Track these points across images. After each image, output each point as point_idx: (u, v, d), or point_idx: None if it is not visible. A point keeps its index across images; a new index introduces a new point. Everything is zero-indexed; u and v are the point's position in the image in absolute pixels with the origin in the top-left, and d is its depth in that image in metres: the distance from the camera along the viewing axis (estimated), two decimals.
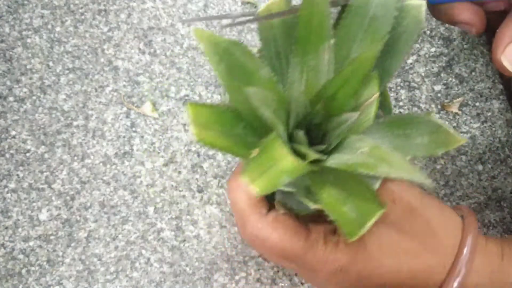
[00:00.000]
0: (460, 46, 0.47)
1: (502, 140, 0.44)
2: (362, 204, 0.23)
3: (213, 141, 0.22)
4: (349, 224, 0.23)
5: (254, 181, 0.21)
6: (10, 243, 0.40)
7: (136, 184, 0.42)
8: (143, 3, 0.48)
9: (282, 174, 0.21)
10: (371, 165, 0.22)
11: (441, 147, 0.25)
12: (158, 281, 0.39)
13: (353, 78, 0.24)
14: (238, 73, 0.24)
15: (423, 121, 0.26)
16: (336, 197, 0.24)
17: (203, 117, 0.22)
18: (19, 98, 0.45)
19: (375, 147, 0.23)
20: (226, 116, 0.24)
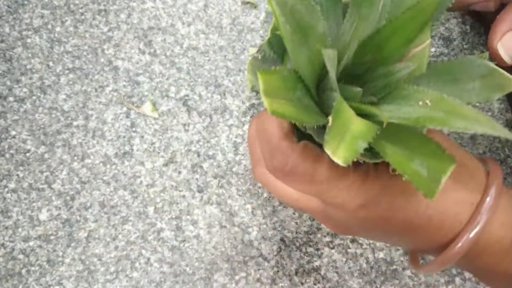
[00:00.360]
0: (460, 46, 0.47)
1: (502, 140, 0.44)
2: (431, 160, 0.22)
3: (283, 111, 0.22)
4: (424, 183, 0.22)
5: (335, 152, 0.20)
6: (10, 243, 0.40)
7: (136, 184, 0.42)
8: (143, 3, 0.48)
9: (356, 139, 0.21)
10: (442, 120, 0.21)
11: (496, 91, 0.24)
12: (158, 281, 0.39)
13: (409, 25, 0.22)
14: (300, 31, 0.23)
15: (474, 65, 0.24)
16: (401, 154, 0.22)
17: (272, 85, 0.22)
18: (19, 98, 0.45)
19: (440, 99, 0.22)
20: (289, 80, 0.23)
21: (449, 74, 0.25)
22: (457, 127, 0.20)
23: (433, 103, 0.22)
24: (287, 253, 0.40)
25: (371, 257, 0.40)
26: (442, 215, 0.26)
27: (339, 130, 0.21)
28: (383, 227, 0.27)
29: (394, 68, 0.23)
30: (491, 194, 0.26)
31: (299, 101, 0.23)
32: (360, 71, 0.24)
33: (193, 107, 0.44)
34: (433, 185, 0.22)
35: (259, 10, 0.48)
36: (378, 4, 0.24)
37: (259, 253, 0.40)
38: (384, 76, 0.24)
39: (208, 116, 0.44)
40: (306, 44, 0.23)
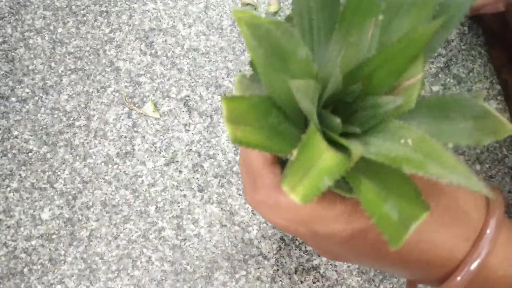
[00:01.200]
0: (458, 47, 0.47)
1: (500, 140, 0.44)
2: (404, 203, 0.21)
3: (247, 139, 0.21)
4: (391, 228, 0.20)
5: (294, 188, 0.19)
6: (12, 242, 0.41)
7: (138, 183, 0.42)
8: (144, 5, 0.48)
9: (322, 174, 0.19)
10: (419, 163, 0.20)
11: (489, 135, 0.22)
12: (159, 279, 0.40)
13: (400, 56, 0.21)
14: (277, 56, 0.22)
15: (468, 104, 0.23)
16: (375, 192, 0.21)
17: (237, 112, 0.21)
18: (22, 98, 0.45)
19: (422, 139, 0.21)
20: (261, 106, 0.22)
21: (442, 111, 0.23)
22: (433, 173, 0.19)
23: (414, 143, 0.21)
24: (286, 251, 0.40)
25: None
26: (436, 249, 0.25)
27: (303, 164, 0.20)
28: (375, 258, 0.26)
29: (382, 100, 0.22)
30: (491, 227, 0.25)
31: (272, 128, 0.22)
32: (349, 99, 0.24)
33: (194, 108, 0.45)
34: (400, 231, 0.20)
35: (259, 11, 0.48)
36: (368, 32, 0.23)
37: (259, 251, 0.40)
38: (372, 107, 0.23)
39: (209, 116, 0.44)
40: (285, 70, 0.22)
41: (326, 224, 0.25)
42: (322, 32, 0.24)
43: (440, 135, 0.23)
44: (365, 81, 0.23)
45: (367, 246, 0.25)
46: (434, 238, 0.25)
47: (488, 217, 0.26)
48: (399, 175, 0.22)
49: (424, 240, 0.25)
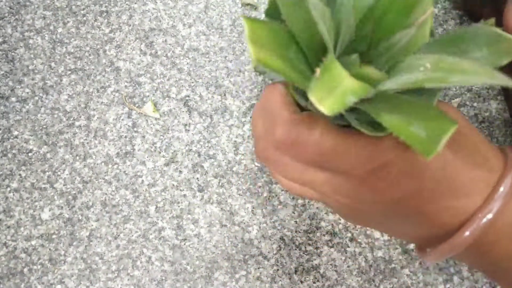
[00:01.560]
0: None
1: (500, 140, 0.44)
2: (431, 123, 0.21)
3: (270, 61, 0.20)
4: (422, 142, 0.20)
5: (322, 100, 0.19)
6: (12, 242, 0.41)
7: (138, 183, 0.42)
8: (144, 5, 0.48)
9: (347, 94, 0.19)
10: (440, 78, 0.20)
11: (504, 56, 0.22)
12: (159, 279, 0.40)
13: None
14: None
15: (480, 33, 0.23)
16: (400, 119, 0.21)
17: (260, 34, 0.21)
18: (22, 98, 0.45)
19: (438, 60, 0.21)
20: (281, 36, 0.22)
21: (456, 45, 0.24)
22: (456, 81, 0.20)
23: (432, 66, 0.21)
24: (286, 251, 0.40)
25: (370, 256, 0.40)
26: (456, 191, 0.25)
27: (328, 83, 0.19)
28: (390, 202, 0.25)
29: (395, 38, 0.22)
30: (507, 181, 0.25)
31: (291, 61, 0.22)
32: (362, 48, 0.23)
33: (194, 108, 0.45)
34: (432, 145, 0.20)
35: (259, 11, 0.48)
36: None
37: (259, 251, 0.40)
38: (386, 50, 0.23)
39: (209, 116, 0.45)
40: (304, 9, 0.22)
41: (348, 157, 0.24)
42: None
43: None
44: (376, 23, 0.23)
45: (387, 184, 0.24)
46: (456, 176, 0.25)
47: (504, 173, 0.25)
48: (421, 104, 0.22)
49: (446, 177, 0.25)
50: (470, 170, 0.25)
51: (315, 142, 0.24)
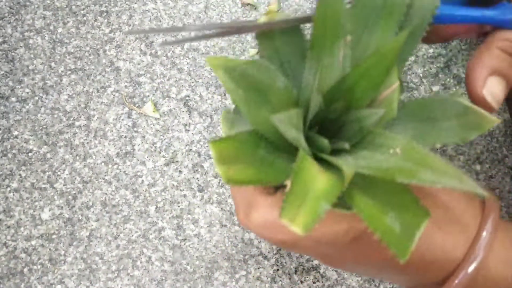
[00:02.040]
0: (458, 47, 0.47)
1: (500, 140, 0.44)
2: (405, 213, 0.21)
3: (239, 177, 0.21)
4: (396, 240, 0.20)
5: (294, 219, 0.19)
6: (12, 242, 0.41)
7: (138, 183, 0.42)
8: (144, 5, 0.48)
9: (319, 199, 0.20)
10: (410, 172, 0.20)
11: (473, 130, 0.23)
12: (159, 279, 0.40)
13: (374, 70, 0.22)
14: (256, 91, 0.23)
15: (448, 103, 0.24)
16: (375, 207, 0.21)
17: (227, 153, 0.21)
18: (22, 98, 0.45)
19: (410, 147, 0.21)
20: (248, 142, 0.22)
21: (425, 113, 0.24)
22: (426, 180, 0.20)
23: (403, 152, 0.21)
24: (286, 251, 0.40)
25: None
26: (435, 252, 0.25)
27: (299, 191, 0.20)
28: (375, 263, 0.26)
29: (364, 113, 0.23)
30: (487, 228, 0.26)
31: (262, 160, 0.22)
32: (333, 116, 0.24)
33: (194, 108, 0.45)
34: (406, 242, 0.20)
35: (259, 11, 0.48)
36: (338, 55, 0.24)
37: (259, 251, 0.40)
38: (356, 121, 0.23)
39: (209, 116, 0.45)
40: (267, 103, 0.23)
41: (329, 232, 0.24)
42: (292, 64, 0.25)
43: (426, 136, 0.23)
44: (346, 97, 0.23)
45: (369, 249, 0.25)
46: (433, 241, 0.25)
47: (484, 219, 0.26)
48: (395, 184, 0.22)
49: (423, 244, 0.25)
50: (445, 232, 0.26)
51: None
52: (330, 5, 0.23)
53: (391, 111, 0.23)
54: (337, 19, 0.23)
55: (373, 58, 0.22)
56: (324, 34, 0.23)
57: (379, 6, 0.24)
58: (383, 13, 0.24)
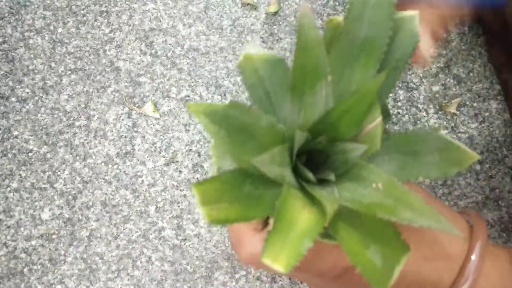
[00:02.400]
0: (458, 47, 0.47)
1: (500, 140, 0.44)
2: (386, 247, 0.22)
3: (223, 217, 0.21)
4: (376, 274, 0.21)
5: (277, 258, 0.19)
6: (12, 242, 0.41)
7: (138, 183, 0.42)
8: (144, 5, 0.48)
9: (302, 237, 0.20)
10: (390, 208, 0.21)
11: (454, 165, 0.23)
12: (159, 279, 0.40)
13: (356, 108, 0.23)
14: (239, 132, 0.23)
15: (431, 138, 0.24)
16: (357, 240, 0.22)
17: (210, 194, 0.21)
18: (22, 98, 0.45)
19: (390, 183, 0.22)
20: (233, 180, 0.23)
21: (408, 146, 0.25)
22: (405, 218, 0.20)
23: (384, 187, 0.22)
24: None
25: None
26: (422, 282, 0.26)
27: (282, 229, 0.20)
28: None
29: (348, 146, 0.24)
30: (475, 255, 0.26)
31: (248, 196, 0.23)
32: (319, 147, 0.25)
33: None
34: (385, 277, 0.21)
35: (259, 11, 0.48)
36: (321, 93, 0.24)
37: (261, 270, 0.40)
38: (341, 153, 0.24)
39: None
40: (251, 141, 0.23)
41: (316, 267, 0.25)
42: (278, 95, 0.26)
43: (410, 169, 0.24)
44: (330, 131, 0.24)
45: (357, 282, 0.26)
46: (419, 271, 0.26)
47: (472, 245, 0.27)
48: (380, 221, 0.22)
49: (410, 274, 0.26)
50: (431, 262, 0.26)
51: None
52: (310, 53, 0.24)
53: (374, 145, 0.24)
54: (316, 64, 0.24)
55: (354, 97, 0.22)
56: (304, 79, 0.24)
57: (359, 44, 0.25)
58: (364, 50, 0.25)
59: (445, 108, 0.45)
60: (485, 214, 0.42)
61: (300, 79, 0.24)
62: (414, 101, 0.45)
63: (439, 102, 0.45)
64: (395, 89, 0.45)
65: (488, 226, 0.42)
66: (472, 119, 0.45)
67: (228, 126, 0.23)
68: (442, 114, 0.45)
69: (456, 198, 0.42)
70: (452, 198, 0.42)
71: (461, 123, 0.45)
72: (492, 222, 0.42)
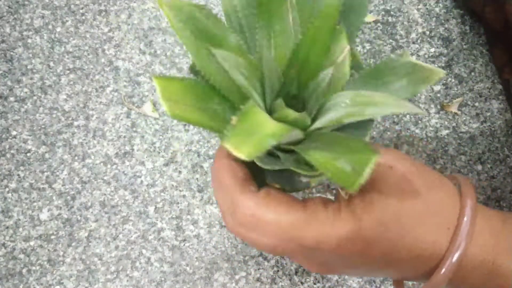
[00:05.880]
0: (459, 47, 0.47)
1: (502, 140, 0.44)
2: (355, 156, 0.22)
3: (186, 116, 0.21)
4: (346, 177, 0.21)
5: (239, 147, 0.19)
6: (11, 242, 0.40)
7: (137, 184, 0.42)
8: (144, 4, 0.48)
9: (267, 137, 0.20)
10: (357, 112, 0.22)
11: (421, 83, 0.24)
12: (158, 280, 0.39)
13: (320, 34, 0.23)
14: (205, 40, 0.22)
15: (398, 65, 0.25)
16: (327, 156, 0.22)
17: (173, 91, 0.21)
18: (20, 98, 0.45)
19: (356, 95, 0.23)
20: (198, 90, 0.22)
21: (378, 79, 0.25)
22: (370, 114, 0.21)
23: (351, 101, 0.23)
24: None
25: None
26: (421, 244, 0.26)
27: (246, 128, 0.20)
28: (364, 263, 0.26)
29: (319, 78, 0.24)
30: (467, 216, 0.26)
31: (214, 112, 0.22)
32: (294, 90, 0.25)
33: None
34: (355, 178, 0.21)
35: None
36: (288, 17, 0.24)
37: (259, 252, 0.40)
38: (313, 91, 0.24)
39: None
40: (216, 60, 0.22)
41: (312, 234, 0.25)
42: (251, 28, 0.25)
43: None
44: (302, 66, 0.24)
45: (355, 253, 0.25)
46: (417, 232, 0.26)
47: (462, 208, 0.27)
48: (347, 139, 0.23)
49: (408, 235, 0.26)
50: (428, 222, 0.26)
51: (278, 221, 0.24)
52: None
53: (343, 73, 0.24)
54: None
55: (316, 22, 0.22)
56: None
57: None
58: None
59: (446, 108, 0.45)
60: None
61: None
62: (415, 100, 0.45)
63: (440, 102, 0.45)
64: None
65: None
66: (474, 119, 0.44)
67: (193, 28, 0.22)
68: (444, 113, 0.45)
69: None
70: None
71: (462, 123, 0.44)
72: None
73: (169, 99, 0.21)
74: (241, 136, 0.20)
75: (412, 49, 0.46)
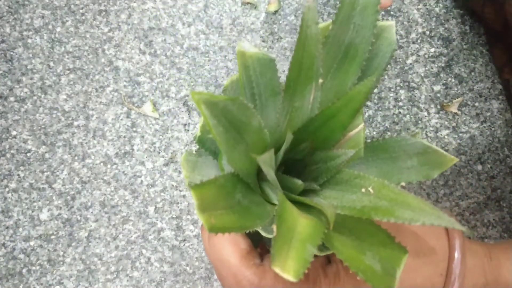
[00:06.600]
0: (459, 47, 0.47)
1: (502, 140, 0.44)
2: (382, 251, 0.21)
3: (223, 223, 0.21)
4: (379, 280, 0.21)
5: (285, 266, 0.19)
6: (11, 242, 0.40)
7: (137, 184, 0.42)
8: (144, 4, 0.48)
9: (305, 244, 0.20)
10: (387, 210, 0.21)
11: (435, 168, 0.24)
12: (158, 280, 0.39)
13: (343, 113, 0.23)
14: (234, 129, 0.23)
15: (408, 143, 0.25)
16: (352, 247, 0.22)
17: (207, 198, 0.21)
18: (20, 98, 0.45)
19: (382, 186, 0.22)
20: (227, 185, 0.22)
21: (386, 153, 0.25)
22: (404, 218, 0.20)
23: (376, 191, 0.22)
24: None
25: None
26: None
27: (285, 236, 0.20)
28: None
29: (332, 153, 0.24)
30: (458, 252, 0.27)
31: (239, 204, 0.22)
32: (299, 156, 0.25)
33: (193, 107, 0.44)
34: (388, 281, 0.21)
35: (259, 10, 0.48)
36: (309, 97, 0.24)
37: None
38: (322, 161, 0.24)
39: None
40: (242, 141, 0.23)
41: None
42: (263, 98, 0.26)
43: (390, 175, 0.24)
44: (312, 138, 0.24)
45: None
46: (413, 283, 0.26)
47: (451, 243, 0.27)
48: (367, 223, 0.22)
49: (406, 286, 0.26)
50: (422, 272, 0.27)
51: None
52: (307, 49, 0.23)
53: (358, 152, 0.24)
54: (312, 63, 0.24)
55: (341, 101, 0.22)
56: (299, 76, 0.24)
57: (344, 49, 0.25)
58: (347, 55, 0.25)
59: (446, 108, 0.45)
60: (487, 215, 0.42)
61: (295, 76, 0.24)
62: (416, 100, 0.45)
63: (440, 102, 0.45)
64: (396, 89, 0.45)
65: (490, 226, 0.42)
66: (474, 119, 0.44)
67: (225, 122, 0.22)
68: (444, 114, 0.45)
69: (457, 199, 0.42)
70: (453, 199, 0.42)
71: (462, 123, 0.44)
72: (494, 222, 0.42)
73: (204, 209, 0.20)
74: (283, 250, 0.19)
75: (412, 49, 0.46)
